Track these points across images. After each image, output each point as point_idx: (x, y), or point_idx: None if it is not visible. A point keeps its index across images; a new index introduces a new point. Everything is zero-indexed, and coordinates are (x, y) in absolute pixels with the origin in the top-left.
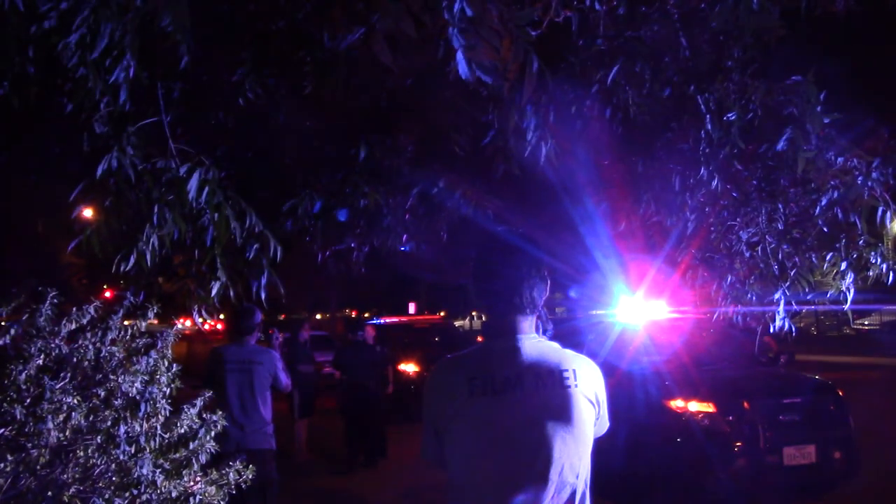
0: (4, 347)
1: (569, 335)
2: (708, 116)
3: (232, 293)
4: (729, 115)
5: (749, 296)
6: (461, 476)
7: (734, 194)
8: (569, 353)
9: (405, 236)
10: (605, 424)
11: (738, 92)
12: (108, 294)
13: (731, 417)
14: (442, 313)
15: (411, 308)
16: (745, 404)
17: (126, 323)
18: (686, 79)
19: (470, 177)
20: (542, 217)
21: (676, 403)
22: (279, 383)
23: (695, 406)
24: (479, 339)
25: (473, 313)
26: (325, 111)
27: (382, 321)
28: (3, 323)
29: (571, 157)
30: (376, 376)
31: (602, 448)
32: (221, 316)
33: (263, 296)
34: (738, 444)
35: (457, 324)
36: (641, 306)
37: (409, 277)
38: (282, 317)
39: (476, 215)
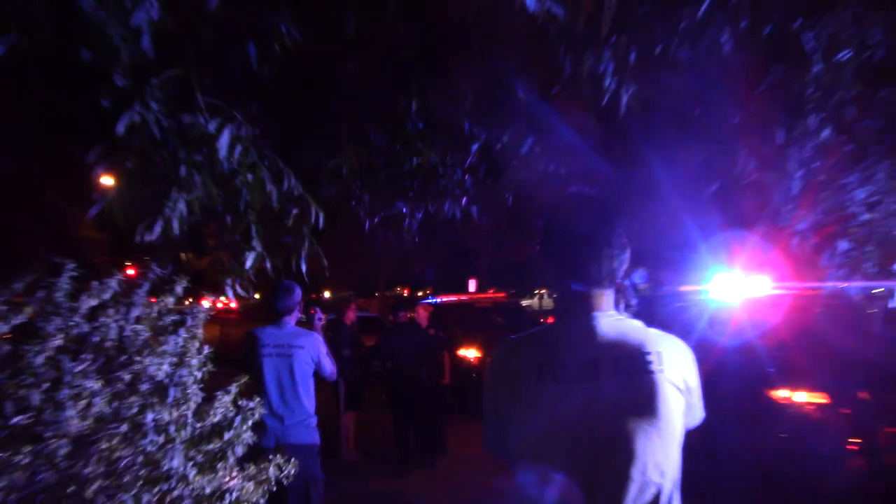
0: (20, 326)
1: (654, 314)
2: (817, 56)
3: (269, 266)
4: (842, 53)
5: (867, 266)
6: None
7: (848, 147)
8: (654, 332)
9: (464, 200)
10: (698, 414)
11: (853, 26)
12: (131, 271)
13: (846, 410)
14: (507, 291)
15: (471, 285)
16: (865, 395)
17: (152, 300)
18: (791, 13)
19: (538, 131)
20: (622, 176)
21: (781, 393)
22: (323, 370)
23: (803, 396)
24: (550, 319)
25: (542, 291)
26: (372, 54)
27: (438, 300)
28: (16, 300)
29: (656, 106)
30: (429, 364)
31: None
32: (257, 294)
33: (304, 269)
34: (855, 440)
35: (524, 303)
36: (739, 281)
37: (470, 249)
38: (325, 295)
39: (546, 175)
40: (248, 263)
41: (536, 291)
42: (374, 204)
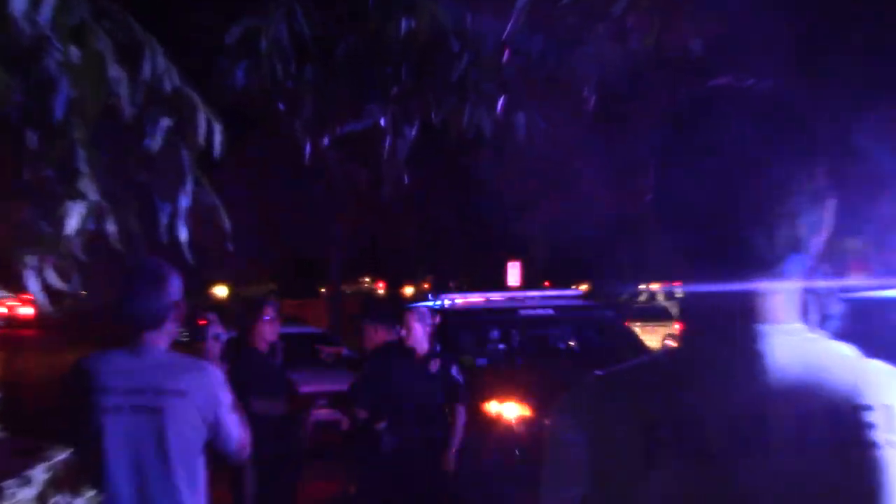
0: None
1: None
2: None
3: (111, 229)
4: None
5: None
6: None
7: None
8: (875, 367)
9: (501, 101)
10: None
11: None
12: None
13: None
14: (580, 286)
15: (512, 274)
16: None
17: None
18: None
19: None
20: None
21: None
22: (225, 441)
23: None
24: (672, 338)
25: (652, 287)
26: None
27: (447, 302)
28: None
29: None
30: (436, 426)
31: None
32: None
33: (184, 237)
34: None
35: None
36: None
37: (508, 205)
38: (219, 293)
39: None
40: (72, 225)
41: (642, 287)
42: (323, 111)
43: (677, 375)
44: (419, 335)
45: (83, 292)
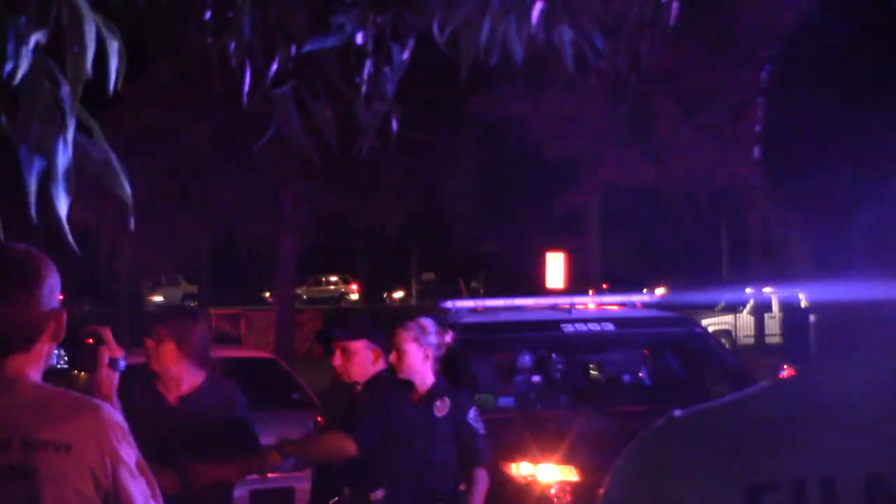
0: None
1: None
2: None
3: None
4: None
5: None
6: None
7: None
8: None
9: (539, 5)
10: None
11: None
12: None
13: None
14: (656, 289)
15: (554, 270)
16: None
17: None
18: None
19: None
20: None
21: None
22: None
23: None
24: (788, 370)
25: (767, 290)
26: None
27: (458, 312)
28: None
29: None
30: (445, 496)
31: None
32: None
33: (63, 211)
34: None
35: (706, 323)
36: None
37: (557, 166)
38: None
39: None
40: None
41: (763, 289)
42: (268, 22)
43: (796, 419)
44: (417, 362)
45: None
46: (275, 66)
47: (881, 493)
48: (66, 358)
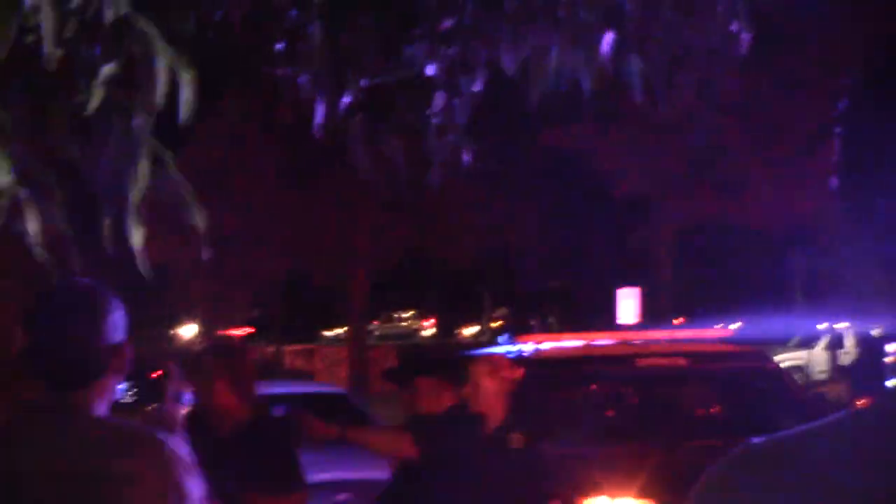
0: None
1: None
2: None
3: (31, 227)
4: None
5: None
6: None
7: None
8: None
9: (609, 36)
10: None
11: None
12: None
13: None
14: (731, 325)
15: (626, 306)
16: None
17: None
18: None
19: None
20: None
21: None
22: None
23: None
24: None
25: (841, 327)
26: None
27: (529, 347)
28: None
29: None
30: None
31: None
32: None
33: (137, 242)
34: None
35: (782, 358)
36: None
37: (631, 199)
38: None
39: None
40: None
41: (823, 327)
42: (340, 56)
43: (872, 448)
44: (490, 396)
45: None
46: (346, 99)
47: None
48: (133, 391)
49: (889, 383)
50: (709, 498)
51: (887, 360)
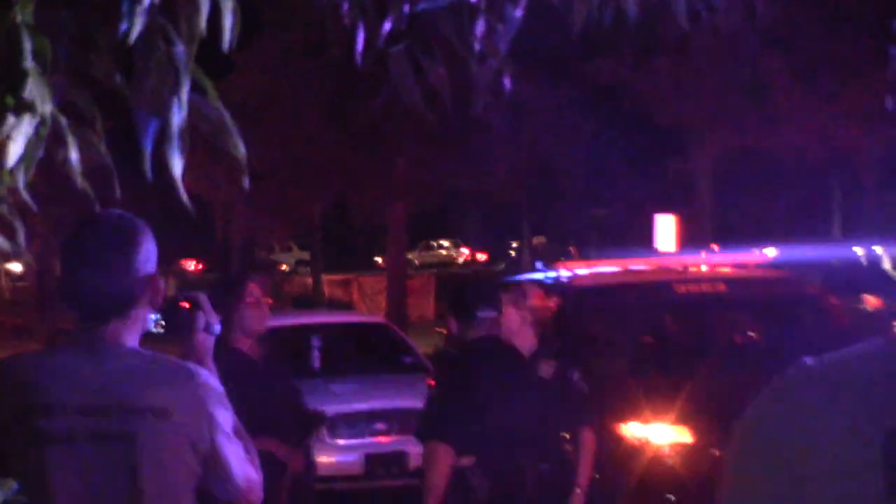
0: None
1: None
2: None
3: (74, 157)
4: None
5: None
6: None
7: None
8: None
9: None
10: None
11: None
12: None
13: None
14: (765, 250)
15: (664, 232)
16: None
17: None
18: None
19: None
20: None
21: None
22: (224, 481)
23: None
24: None
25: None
26: None
27: (567, 273)
28: None
29: None
30: (550, 459)
31: None
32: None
33: (178, 170)
34: None
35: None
36: None
37: (680, 124)
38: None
39: None
40: (15, 151)
41: (873, 247)
42: None
43: None
44: (514, 325)
45: (30, 258)
46: (388, 26)
47: None
48: (163, 323)
49: None
50: (754, 429)
51: None
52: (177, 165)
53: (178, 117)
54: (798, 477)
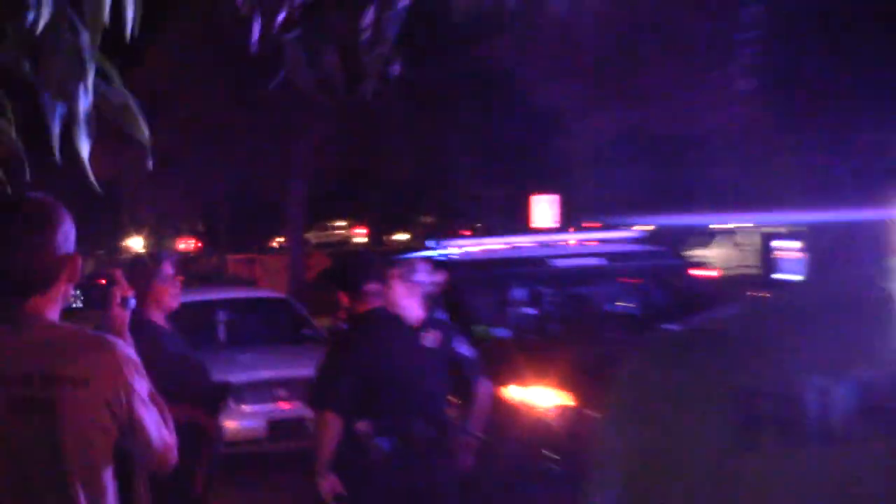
0: None
1: None
2: None
3: None
4: None
5: None
6: None
7: None
8: None
9: None
10: None
11: None
12: None
13: None
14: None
15: (541, 211)
16: None
17: None
18: None
19: None
20: None
21: None
22: (141, 445)
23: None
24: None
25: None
26: None
27: (455, 250)
28: None
29: None
30: (438, 421)
31: None
32: None
33: (86, 152)
34: None
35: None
36: None
37: (555, 111)
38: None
39: None
40: None
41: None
42: None
43: (785, 328)
44: (402, 299)
45: None
46: (282, 15)
47: (869, 411)
48: (82, 298)
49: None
50: (623, 389)
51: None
52: (84, 148)
53: (84, 102)
54: (665, 423)
